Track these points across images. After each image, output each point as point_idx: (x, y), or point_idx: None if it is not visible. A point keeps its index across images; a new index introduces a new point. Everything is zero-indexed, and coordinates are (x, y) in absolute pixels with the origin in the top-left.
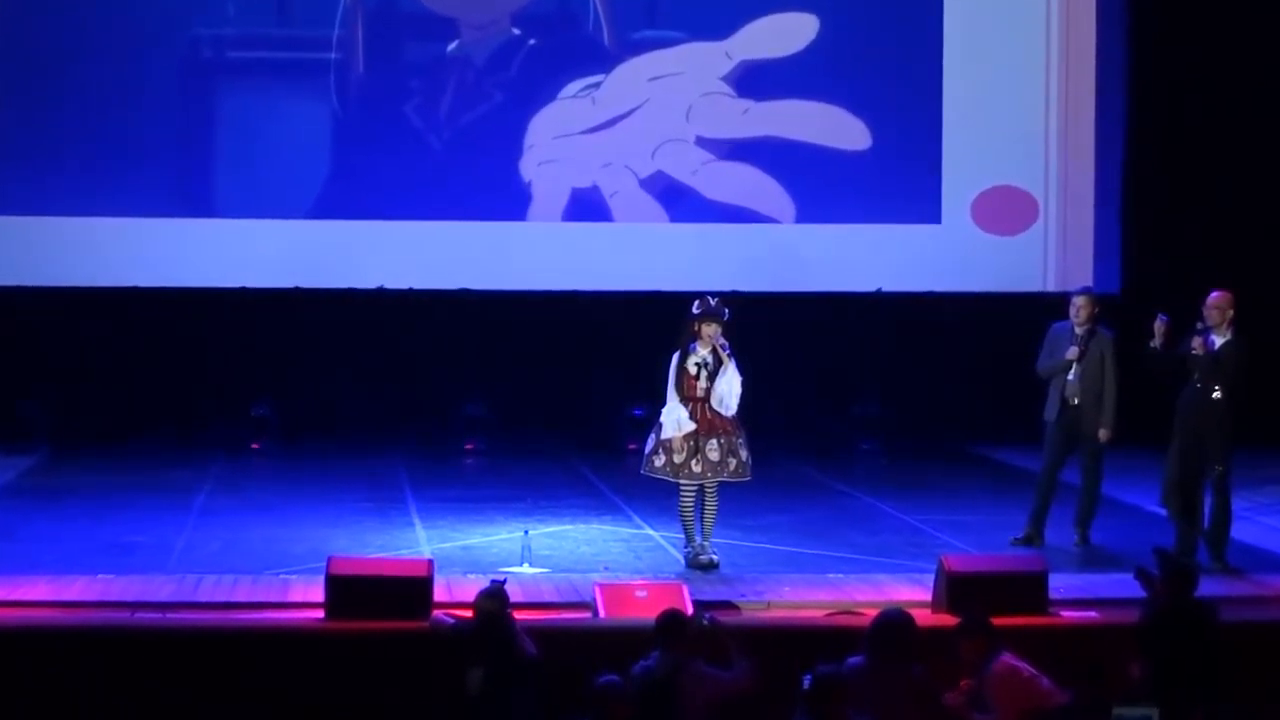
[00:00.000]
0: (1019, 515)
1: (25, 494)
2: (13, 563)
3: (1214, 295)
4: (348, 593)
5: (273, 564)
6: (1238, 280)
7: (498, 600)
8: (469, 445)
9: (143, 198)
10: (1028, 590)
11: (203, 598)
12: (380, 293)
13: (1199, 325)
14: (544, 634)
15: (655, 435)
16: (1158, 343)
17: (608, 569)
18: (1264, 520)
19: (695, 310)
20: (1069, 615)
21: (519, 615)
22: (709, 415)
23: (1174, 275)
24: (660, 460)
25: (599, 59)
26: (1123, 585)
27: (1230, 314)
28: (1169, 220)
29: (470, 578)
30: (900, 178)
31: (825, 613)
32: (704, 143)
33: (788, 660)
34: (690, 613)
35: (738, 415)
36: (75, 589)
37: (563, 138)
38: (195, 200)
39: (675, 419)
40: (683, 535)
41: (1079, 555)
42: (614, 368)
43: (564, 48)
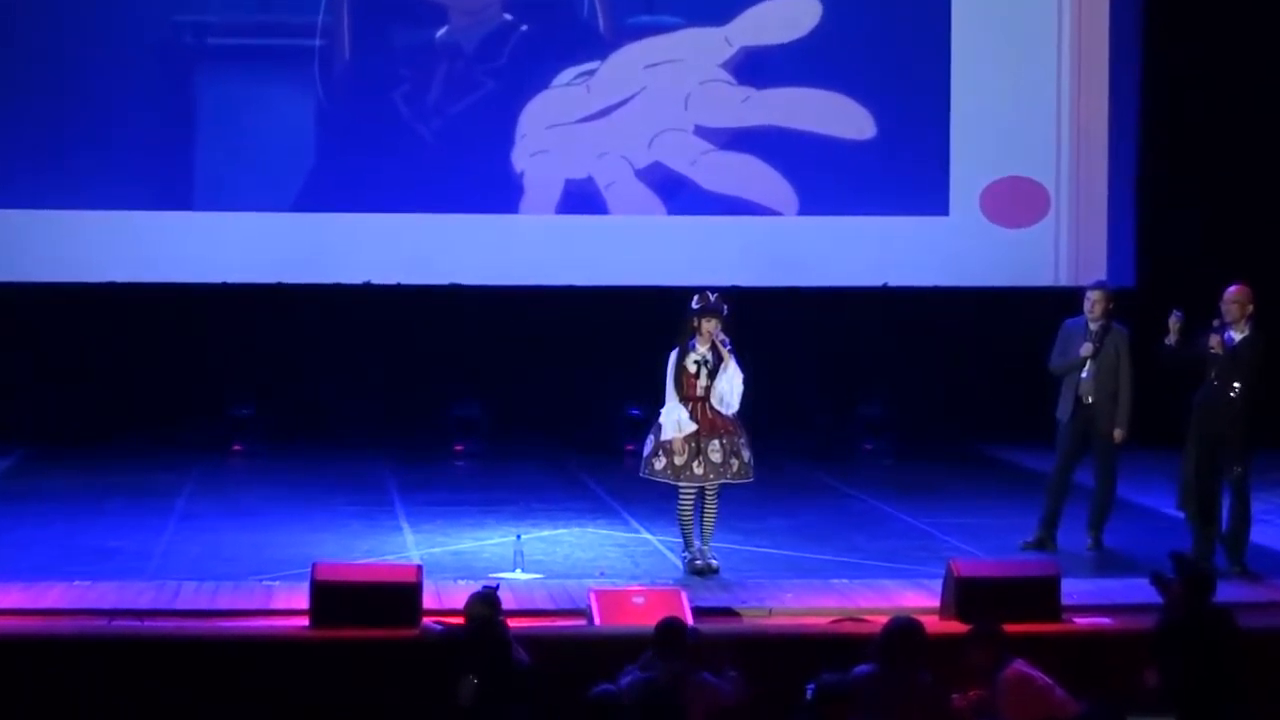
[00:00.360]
0: (1030, 518)
1: None
2: None
3: (1231, 289)
4: (333, 600)
5: (255, 570)
6: (1257, 274)
7: (490, 604)
8: (459, 447)
9: (119, 190)
10: (1039, 596)
11: (183, 605)
12: (367, 288)
13: (1216, 321)
14: (537, 642)
15: (654, 437)
16: (1172, 339)
17: (603, 575)
18: None
19: (694, 306)
20: (1082, 622)
21: (511, 623)
22: (710, 415)
23: (1190, 269)
24: (660, 463)
25: (594, 45)
26: (1138, 591)
27: (1250, 309)
28: (1185, 211)
29: (460, 584)
30: (906, 168)
31: (829, 620)
32: (703, 132)
33: (790, 670)
34: (690, 621)
35: (739, 415)
36: (50, 596)
37: (556, 127)
38: (174, 192)
39: (675, 420)
40: (681, 539)
41: (1092, 560)
42: (610, 366)
43: (557, 34)
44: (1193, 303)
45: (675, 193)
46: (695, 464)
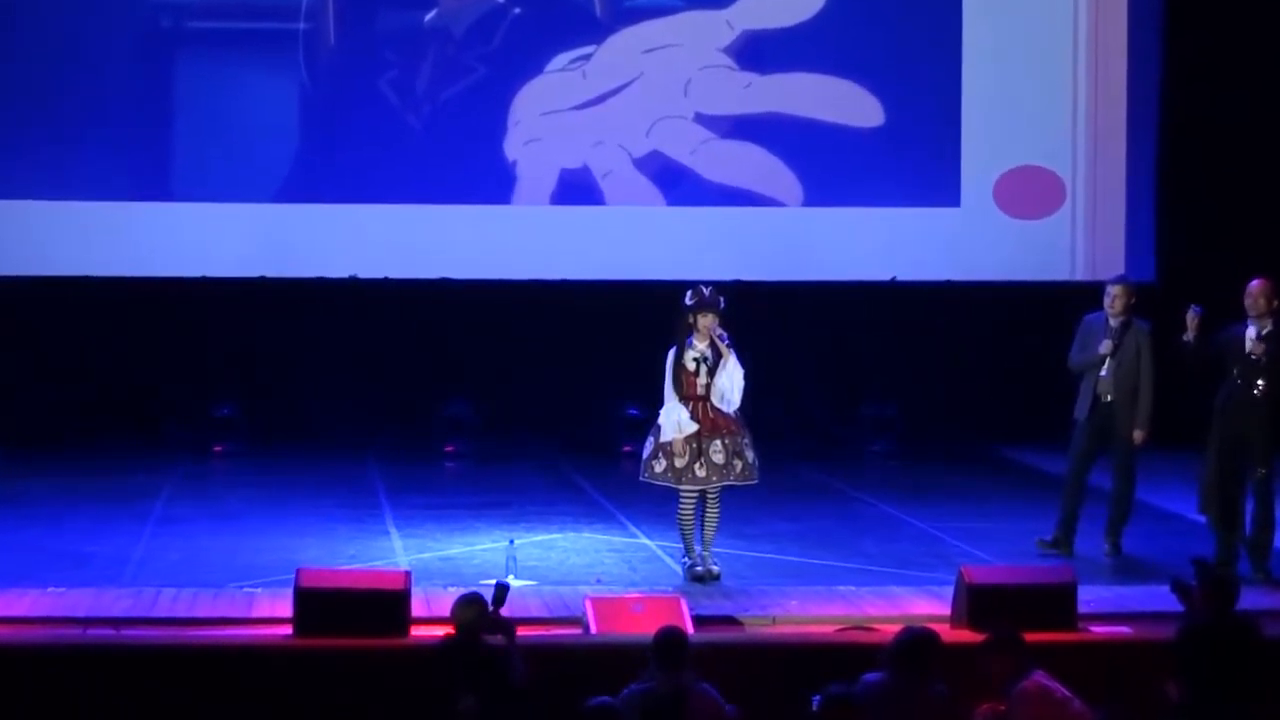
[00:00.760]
0: (1045, 522)
1: None
2: None
3: (1254, 283)
4: (318, 607)
5: (237, 576)
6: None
7: (476, 608)
8: (449, 448)
9: (93, 180)
10: (1055, 604)
11: (161, 613)
12: (353, 283)
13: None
14: (531, 651)
15: (654, 438)
16: (1190, 336)
17: (600, 581)
18: None
19: (688, 301)
20: (1099, 631)
21: None
22: (711, 414)
23: (1213, 262)
24: (660, 465)
25: (589, 29)
26: (1157, 598)
27: (1276, 303)
28: (1207, 202)
29: (450, 590)
30: (916, 157)
31: (835, 628)
32: (703, 120)
33: (795, 681)
34: (690, 629)
35: (742, 414)
36: (23, 604)
37: (550, 114)
38: (151, 183)
39: (675, 420)
40: (681, 545)
41: (1110, 566)
42: (607, 364)
43: (551, 17)
44: (1215, 298)
45: (674, 183)
46: (697, 466)
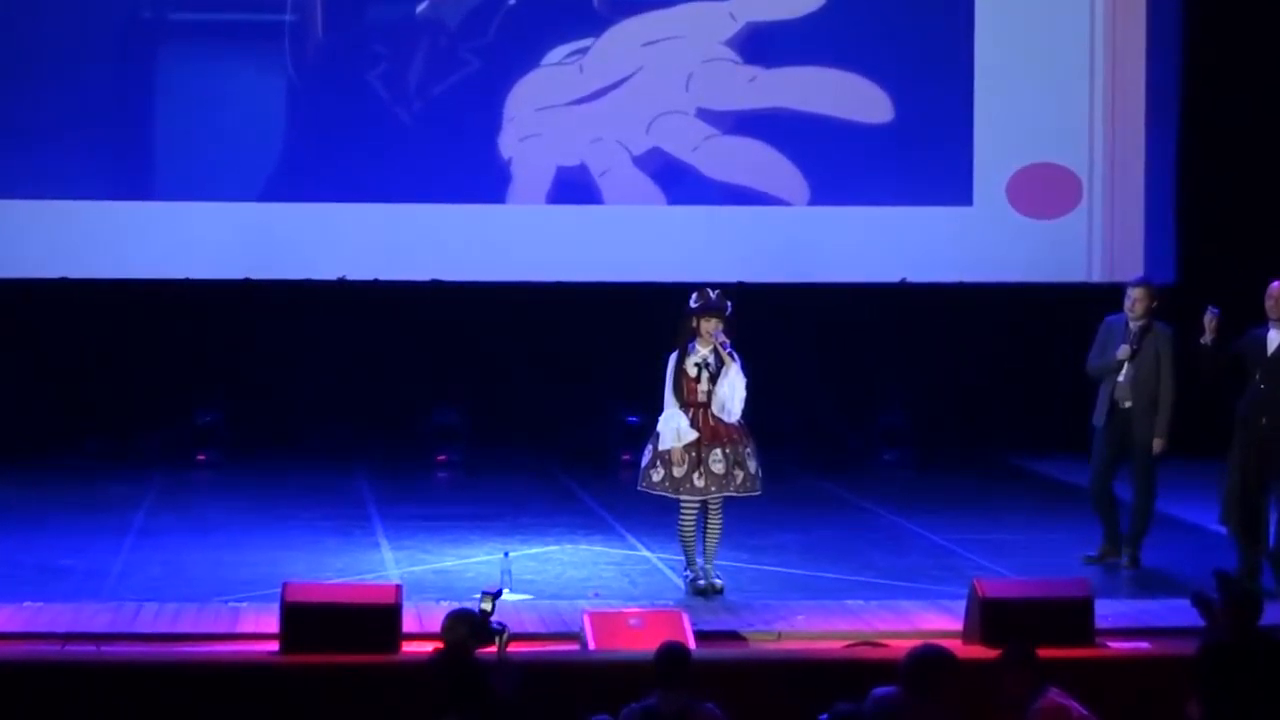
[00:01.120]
0: (1062, 534)
1: None
2: None
3: (1276, 285)
4: (305, 623)
5: (221, 590)
6: None
7: (468, 625)
8: (441, 456)
9: (70, 178)
10: (1071, 618)
11: (142, 628)
12: (341, 285)
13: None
14: (527, 668)
15: (652, 446)
16: (1208, 339)
17: (598, 595)
18: None
19: (693, 304)
20: (1117, 646)
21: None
22: (712, 422)
23: (1234, 263)
24: (659, 474)
25: (587, 21)
26: (1178, 613)
27: None
28: (1229, 200)
29: (443, 605)
30: (926, 154)
31: (843, 645)
32: (706, 115)
33: (801, 699)
34: (692, 645)
35: (745, 422)
36: None
37: (547, 110)
38: (131, 181)
39: (674, 427)
40: (682, 557)
41: (1129, 579)
42: (605, 369)
43: (548, 9)
44: (1236, 300)
45: (676, 181)
46: (696, 476)
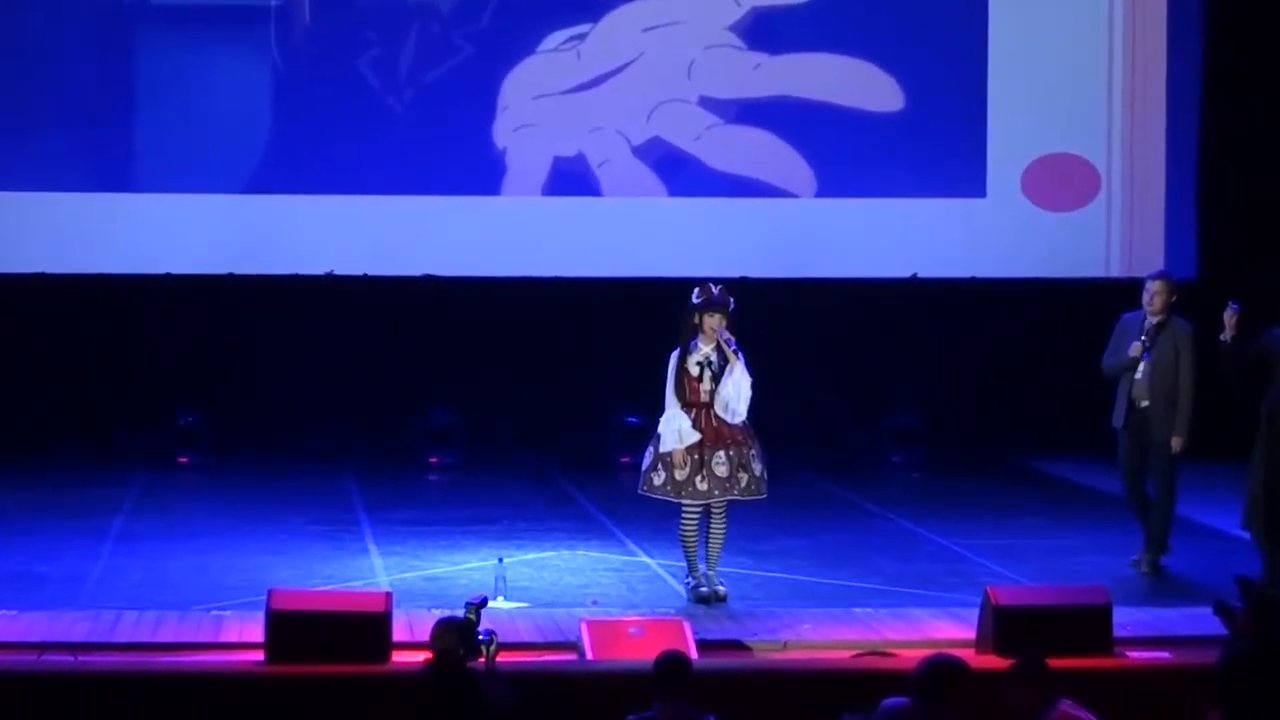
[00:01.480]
0: (1078, 539)
1: None
2: None
3: None
4: (291, 632)
5: (203, 598)
6: None
7: (459, 634)
8: (434, 459)
9: (48, 170)
10: (1088, 627)
11: (122, 638)
12: (330, 280)
13: None
14: (522, 679)
15: (653, 448)
16: (1228, 335)
17: (596, 603)
18: None
19: (695, 300)
20: (1136, 656)
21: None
22: (715, 423)
23: (1258, 258)
24: (660, 478)
25: (585, 6)
26: (1199, 621)
27: None
28: (1253, 193)
29: (435, 613)
30: (938, 144)
31: (851, 654)
32: (709, 103)
33: (807, 711)
34: (694, 655)
35: (749, 423)
36: None
37: (543, 98)
38: (111, 172)
39: (676, 429)
40: (684, 563)
41: (1148, 585)
42: (604, 368)
43: None
44: (1260, 296)
45: (677, 172)
46: (698, 479)
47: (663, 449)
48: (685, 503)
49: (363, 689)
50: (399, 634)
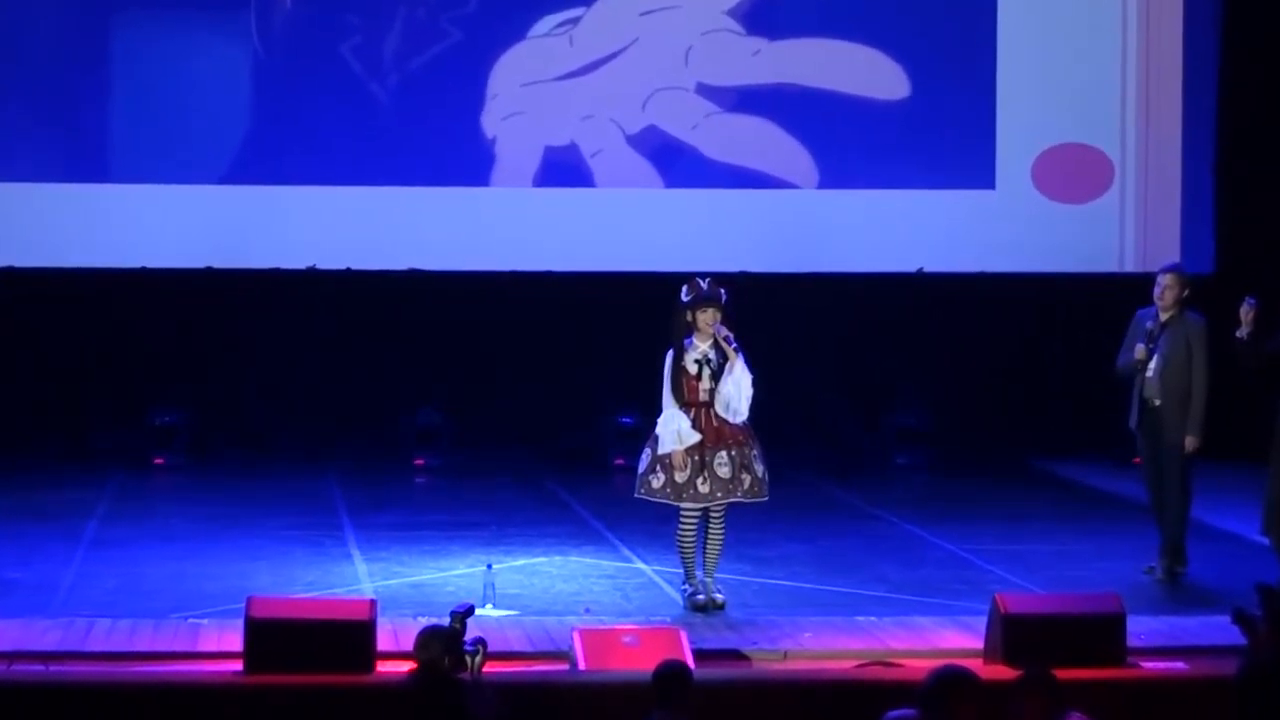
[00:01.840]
0: (1090, 544)
1: None
2: None
3: None
4: (272, 640)
5: (180, 606)
6: None
7: (443, 643)
8: (420, 460)
9: (17, 159)
10: (1101, 637)
11: (95, 647)
12: (311, 274)
13: None
14: (511, 690)
15: (651, 450)
16: (1244, 332)
17: (589, 611)
18: None
19: (683, 297)
20: (1151, 667)
21: (484, 666)
22: (715, 423)
23: (1277, 252)
24: (658, 481)
25: None
26: (1217, 630)
27: None
28: (1272, 185)
29: (421, 621)
30: (945, 133)
31: (854, 664)
32: (706, 91)
33: None
34: (691, 665)
35: (750, 423)
36: None
37: (533, 85)
38: (85, 162)
39: (674, 430)
40: (681, 570)
41: (1163, 593)
42: (598, 366)
43: None
44: (1278, 291)
45: (673, 162)
46: (699, 481)
47: (661, 450)
48: (684, 506)
49: (346, 700)
50: (383, 643)
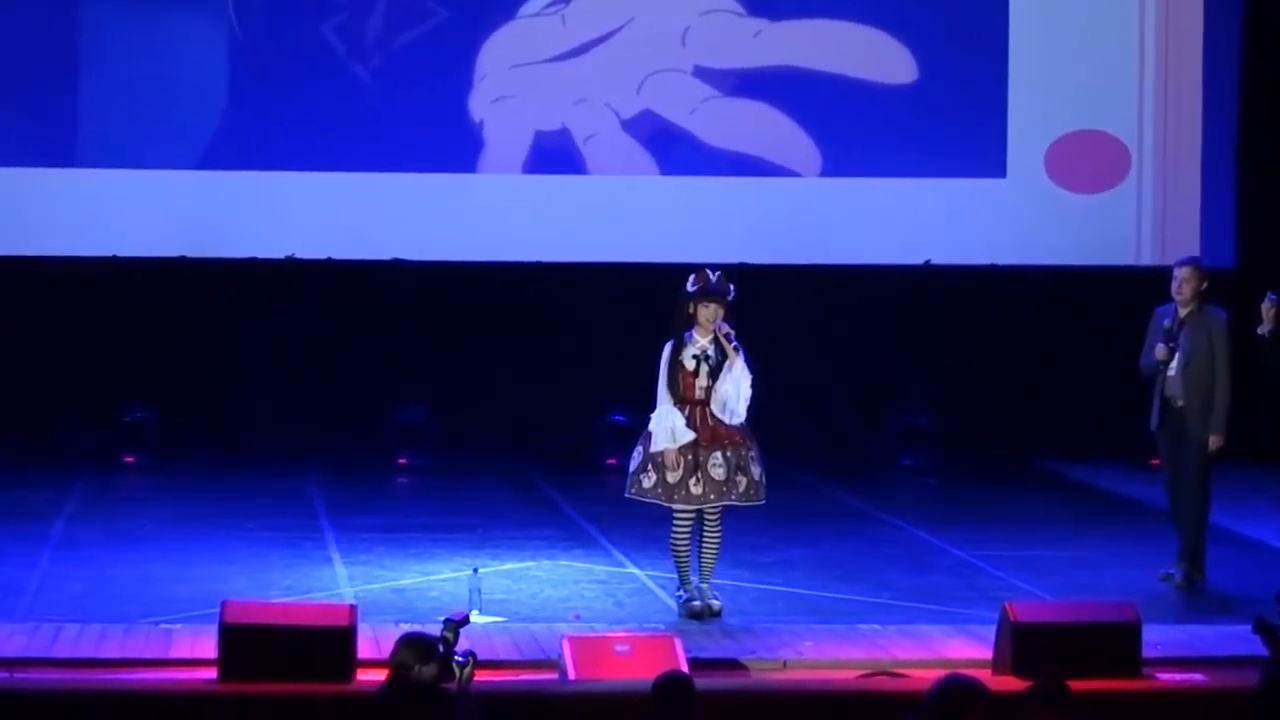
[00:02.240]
0: (1104, 550)
1: None
2: None
3: None
4: (247, 647)
5: (151, 610)
6: None
7: (417, 651)
8: (403, 460)
9: None
10: (1115, 646)
11: (62, 653)
12: (290, 264)
13: None
14: (498, 700)
15: (643, 447)
16: (1266, 328)
17: (579, 618)
18: None
19: (690, 288)
20: (1167, 678)
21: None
22: (711, 422)
23: None
24: (650, 480)
25: None
26: (1237, 640)
27: None
28: None
29: (403, 627)
30: (954, 120)
31: (857, 674)
32: (704, 74)
33: None
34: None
35: (747, 422)
36: None
37: (523, 67)
38: (53, 145)
39: (668, 427)
40: (675, 575)
41: (1181, 601)
42: (589, 361)
43: None
44: None
45: (670, 148)
46: (692, 482)
47: (653, 449)
48: (677, 508)
49: (324, 710)
50: (364, 650)
